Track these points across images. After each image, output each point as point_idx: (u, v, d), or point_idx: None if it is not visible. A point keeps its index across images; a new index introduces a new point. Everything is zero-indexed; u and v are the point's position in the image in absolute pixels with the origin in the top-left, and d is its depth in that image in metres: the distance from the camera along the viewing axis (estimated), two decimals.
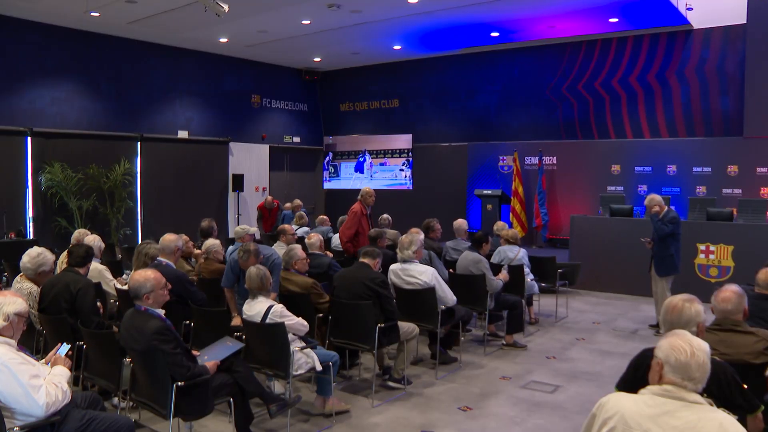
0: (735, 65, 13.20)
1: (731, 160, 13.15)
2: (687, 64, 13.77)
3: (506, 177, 15.74)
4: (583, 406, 5.84)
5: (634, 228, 10.58)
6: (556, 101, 15.43)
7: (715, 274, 10.40)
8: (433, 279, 6.60)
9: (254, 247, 6.12)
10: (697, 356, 2.57)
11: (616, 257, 11.09)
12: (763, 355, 3.94)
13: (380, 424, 5.46)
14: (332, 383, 5.52)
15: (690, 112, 13.82)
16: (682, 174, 13.67)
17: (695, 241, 10.41)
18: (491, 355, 7.62)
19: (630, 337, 8.55)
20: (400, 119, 17.95)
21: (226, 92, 16.76)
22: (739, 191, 12.95)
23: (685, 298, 3.52)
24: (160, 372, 4.24)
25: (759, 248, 9.31)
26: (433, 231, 9.07)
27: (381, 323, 5.88)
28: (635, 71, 14.39)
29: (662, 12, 12.71)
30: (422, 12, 12.54)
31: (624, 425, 2.52)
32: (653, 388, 2.58)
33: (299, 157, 18.97)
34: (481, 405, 5.96)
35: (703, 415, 2.43)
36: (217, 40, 14.79)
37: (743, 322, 4.09)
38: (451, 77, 17.05)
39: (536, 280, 9.03)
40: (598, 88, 14.87)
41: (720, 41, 13.40)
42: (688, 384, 2.54)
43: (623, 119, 14.64)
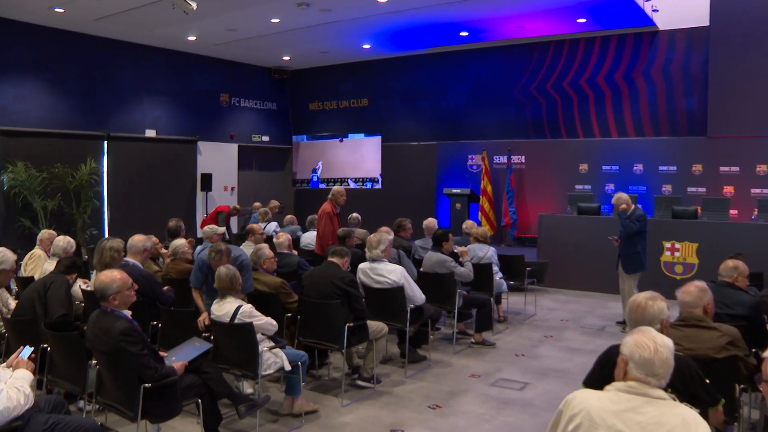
0: (699, 66, 13.40)
1: (696, 159, 13.36)
2: (653, 65, 13.95)
3: (475, 176, 15.81)
4: (551, 402, 5.87)
5: (602, 226, 10.69)
6: (525, 101, 15.53)
7: (680, 271, 10.54)
8: (402, 278, 6.61)
9: (225, 248, 6.08)
10: (660, 353, 2.60)
11: (583, 255, 11.19)
12: (725, 350, 4.04)
13: (350, 424, 5.45)
14: (301, 383, 5.50)
15: (656, 112, 14.01)
16: (648, 173, 13.85)
17: (661, 239, 10.55)
18: (460, 353, 7.64)
19: (598, 334, 8.63)
20: (370, 118, 17.94)
21: (194, 91, 16.63)
22: (704, 190, 13.16)
23: (649, 296, 3.57)
24: (127, 374, 4.19)
25: (722, 245, 9.45)
26: (404, 230, 9.09)
27: (350, 322, 5.87)
28: (602, 71, 14.54)
29: (629, 13, 12.86)
30: (391, 11, 12.54)
31: (589, 421, 2.54)
32: (618, 384, 2.60)
33: (268, 157, 18.88)
34: (451, 403, 5.98)
35: (666, 410, 2.46)
36: (185, 38, 14.67)
37: (707, 318, 4.18)
38: (420, 76, 17.07)
39: (505, 278, 9.07)
40: (566, 87, 14.99)
41: (684, 43, 13.60)
42: (652, 380, 2.56)
43: (591, 119, 14.79)
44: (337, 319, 5.81)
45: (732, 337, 4.12)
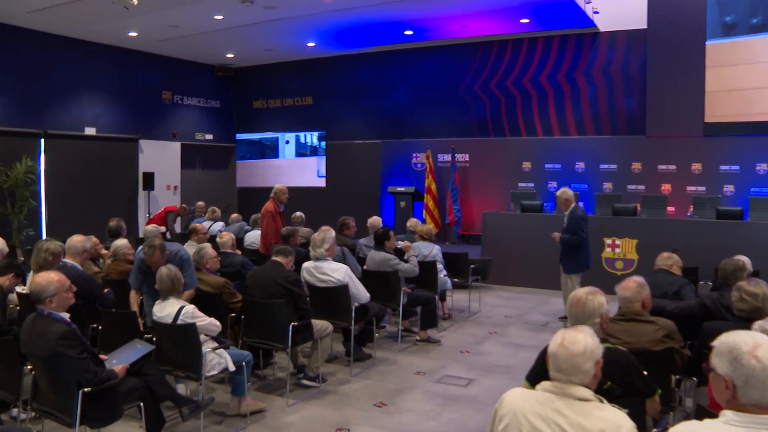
0: (638, 67, 13.73)
1: (635, 157, 13.69)
2: (594, 65, 14.24)
3: (419, 174, 15.89)
4: (496, 398, 5.78)
5: (545, 223, 10.83)
6: (469, 100, 15.67)
7: (620, 267, 10.76)
8: (346, 276, 6.61)
9: (159, 242, 5.90)
10: (566, 348, 2.62)
11: (527, 252, 11.31)
12: (661, 343, 4.17)
13: (295, 423, 5.43)
14: (247, 383, 5.46)
15: (597, 112, 14.30)
16: (589, 171, 14.12)
17: (602, 236, 10.75)
18: (405, 350, 7.68)
19: (541, 329, 8.76)
20: (314, 116, 17.87)
21: (136, 88, 16.31)
22: (643, 187, 13.49)
23: (589, 291, 3.63)
24: (66, 378, 4.08)
25: (661, 241, 9.66)
26: (348, 228, 9.09)
27: (294, 322, 5.84)
28: (545, 71, 14.77)
29: (570, 14, 13.09)
30: (336, 9, 12.53)
31: (515, 421, 2.57)
32: (545, 383, 2.62)
33: (211, 155, 18.67)
34: (396, 400, 6.00)
35: (589, 412, 2.47)
36: (126, 34, 14.38)
37: (645, 312, 4.30)
38: (365, 75, 17.09)
39: (449, 275, 9.10)
40: (509, 86, 15.18)
41: (624, 44, 13.92)
42: (561, 376, 2.59)
43: (534, 117, 15.00)
44: (281, 319, 5.78)
45: (668, 330, 4.25)
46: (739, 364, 2.20)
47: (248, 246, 9.90)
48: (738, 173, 12.86)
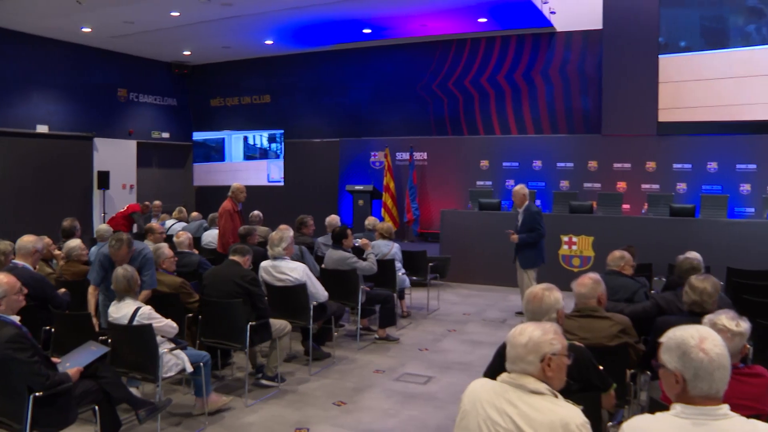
0: (594, 67, 13.93)
1: (591, 156, 13.88)
2: (551, 65, 14.40)
3: (378, 172, 15.91)
4: (455, 395, 5.90)
5: (502, 221, 10.89)
6: (427, 98, 15.73)
7: (577, 264, 10.90)
8: (304, 275, 6.59)
9: (127, 237, 5.80)
10: (512, 338, 2.67)
11: (485, 250, 11.39)
12: (617, 338, 4.26)
13: (255, 424, 5.40)
14: (208, 383, 5.39)
15: (554, 110, 14.46)
16: (546, 169, 14.28)
17: (559, 233, 10.87)
18: (364, 349, 7.68)
19: (499, 326, 8.82)
20: (272, 115, 17.77)
21: (90, 85, 16.03)
22: (599, 185, 13.69)
23: (545, 287, 3.69)
24: (16, 383, 3.97)
25: (616, 238, 9.80)
26: (306, 227, 9.07)
27: (252, 321, 5.81)
28: (503, 70, 14.90)
29: (527, 14, 13.22)
30: (294, 7, 12.48)
31: (473, 409, 2.61)
32: (504, 375, 2.65)
33: (168, 154, 18.45)
34: (356, 399, 6.00)
35: (540, 406, 2.49)
36: (79, 29, 14.11)
37: (600, 308, 4.38)
38: (323, 73, 17.04)
39: (407, 273, 9.13)
40: (467, 85, 15.27)
41: (580, 44, 14.11)
42: (510, 366, 2.63)
43: (491, 116, 15.12)
44: (239, 318, 5.74)
45: (624, 325, 4.34)
46: (688, 358, 2.26)
47: (206, 245, 9.81)
48: (690, 171, 13.13)
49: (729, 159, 12.82)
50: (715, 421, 2.21)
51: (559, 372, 2.62)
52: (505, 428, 2.50)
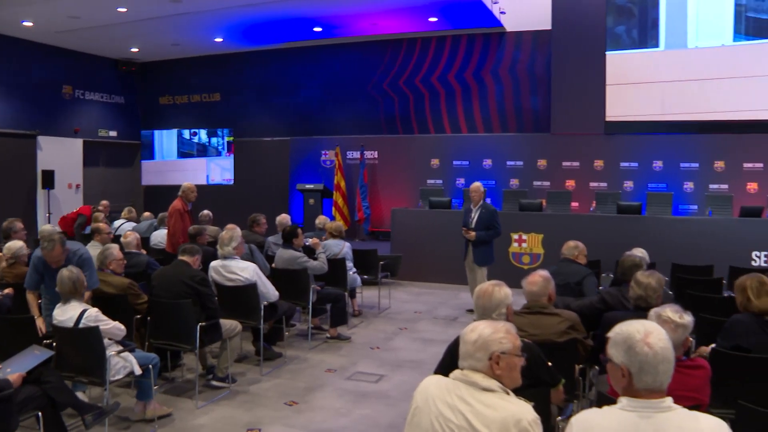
0: (543, 67, 14.12)
1: (540, 154, 14.07)
2: (501, 65, 14.55)
3: (328, 171, 15.88)
4: (407, 393, 5.93)
5: (453, 220, 10.95)
6: (378, 97, 15.75)
7: (527, 261, 11.03)
8: (255, 275, 6.55)
9: (59, 236, 5.64)
10: (463, 334, 2.71)
11: (435, 248, 11.45)
12: (566, 334, 4.31)
13: (205, 425, 5.34)
14: (153, 386, 5.31)
15: (504, 110, 14.61)
16: (497, 168, 14.41)
17: (509, 231, 10.96)
18: (316, 348, 7.66)
19: (450, 324, 8.88)
20: (222, 113, 17.60)
21: (33, 81, 15.60)
22: (548, 184, 13.88)
23: (495, 283, 3.72)
24: None
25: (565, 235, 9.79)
26: (259, 225, 9.03)
27: (202, 322, 5.75)
28: (453, 69, 15.00)
29: (478, 14, 13.33)
30: (244, 5, 12.38)
31: (426, 405, 2.62)
32: (456, 372, 2.66)
33: (116, 152, 18.10)
34: (308, 399, 5.98)
35: (491, 402, 2.51)
36: (21, 23, 13.72)
37: (550, 305, 4.44)
38: (273, 71, 16.93)
39: (358, 272, 9.14)
40: (418, 84, 15.33)
41: (530, 44, 14.29)
42: (461, 362, 2.66)
43: (442, 115, 15.20)
44: (188, 319, 5.67)
45: (572, 322, 4.41)
46: (633, 352, 2.31)
47: (154, 245, 9.68)
48: (637, 170, 13.39)
49: (673, 158, 13.12)
50: (660, 413, 2.26)
51: (509, 371, 2.63)
52: (457, 425, 2.51)
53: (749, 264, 9.67)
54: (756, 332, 4.34)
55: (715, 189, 12.67)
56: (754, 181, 12.65)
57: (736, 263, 8.73)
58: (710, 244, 9.94)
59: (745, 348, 4.30)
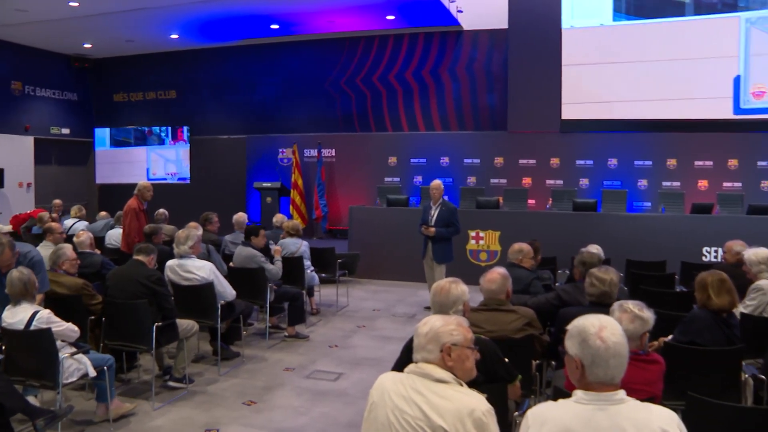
0: (500, 66, 14.23)
1: (497, 152, 14.17)
2: (458, 63, 14.64)
3: (286, 169, 15.81)
4: (365, 391, 5.87)
5: (410, 217, 10.99)
6: (335, 94, 15.72)
7: (484, 258, 11.11)
8: (211, 274, 6.50)
9: (7, 239, 5.51)
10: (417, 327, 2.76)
11: (393, 246, 11.47)
12: (522, 330, 4.37)
13: (163, 427, 5.28)
14: (111, 387, 5.23)
15: (461, 108, 14.70)
16: (454, 165, 14.49)
17: (466, 228, 11.01)
18: (274, 347, 7.63)
19: (408, 321, 8.91)
20: (178, 110, 17.39)
21: None
22: (505, 181, 14.00)
23: (451, 280, 3.77)
24: None
25: (522, 233, 10.00)
26: (211, 224, 8.94)
27: (158, 322, 5.69)
28: (411, 67, 15.04)
29: (435, 12, 13.38)
30: (200, 1, 12.24)
31: (382, 400, 2.65)
32: (410, 365, 2.71)
33: (69, 150, 17.76)
34: (266, 398, 5.95)
35: (446, 393, 2.56)
36: None
37: (507, 302, 4.50)
38: (230, 69, 16.79)
39: (316, 271, 9.13)
40: (375, 82, 15.34)
41: (487, 43, 14.40)
42: (415, 355, 2.71)
43: (399, 113, 15.23)
44: (144, 319, 5.60)
45: (529, 318, 4.47)
46: (586, 344, 2.38)
47: (109, 245, 9.53)
48: (592, 167, 13.58)
49: (628, 156, 13.34)
50: (613, 405, 2.32)
51: (461, 362, 2.68)
52: (412, 416, 2.54)
53: (700, 259, 9.89)
54: (713, 328, 4.44)
55: (667, 186, 12.92)
56: (705, 179, 12.92)
57: (688, 259, 8.93)
58: (663, 241, 10.13)
59: (700, 344, 4.39)
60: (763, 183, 12.66)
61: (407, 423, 2.54)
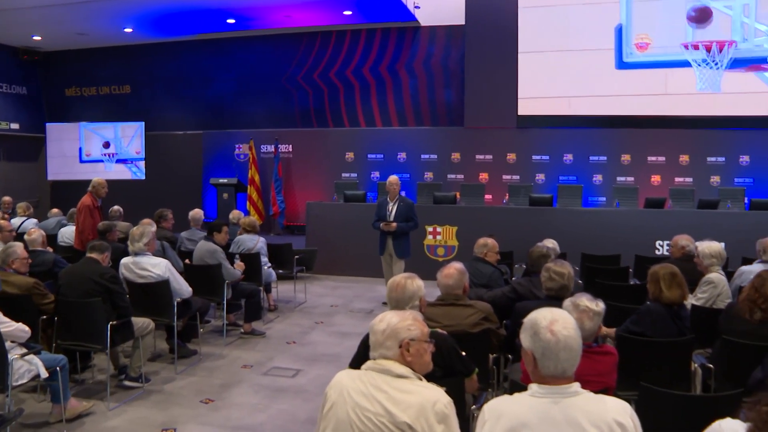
0: (456, 62, 14.32)
1: (454, 148, 14.27)
2: (415, 59, 14.68)
3: (242, 165, 15.71)
4: (324, 387, 5.73)
5: (368, 213, 10.96)
6: (292, 90, 15.66)
7: (442, 254, 11.16)
8: (167, 271, 6.42)
9: None
10: (372, 324, 2.78)
11: (351, 241, 11.46)
12: (479, 325, 4.41)
13: (118, 427, 5.20)
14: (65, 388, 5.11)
15: (418, 103, 14.75)
16: (411, 161, 14.55)
17: (424, 224, 11.04)
18: (232, 344, 7.57)
19: (366, 317, 8.90)
20: (133, 106, 17.13)
21: None
22: (462, 176, 14.10)
23: (407, 276, 3.78)
24: None
25: (479, 228, 10.09)
26: (166, 220, 8.85)
27: (113, 320, 5.60)
28: (368, 63, 15.04)
29: (392, 8, 13.41)
30: None
31: (341, 399, 2.65)
32: (368, 362, 2.72)
33: (18, 146, 17.35)
34: (224, 396, 5.90)
35: (406, 388, 2.59)
36: None
37: (464, 297, 4.53)
38: (186, 63, 16.61)
39: (273, 267, 9.10)
40: (333, 78, 15.31)
41: (444, 39, 14.47)
42: (372, 353, 2.73)
43: (357, 108, 15.22)
44: (98, 318, 5.51)
45: (486, 313, 4.51)
46: (537, 337, 2.42)
47: (62, 242, 9.36)
48: (548, 163, 13.74)
49: (583, 151, 13.54)
50: (567, 398, 2.36)
51: (419, 357, 2.71)
52: (374, 413, 2.55)
53: (653, 253, 10.08)
54: (665, 321, 4.52)
55: (622, 181, 13.14)
56: (658, 174, 13.19)
57: (642, 252, 9.11)
58: (617, 235, 10.30)
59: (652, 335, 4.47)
60: (713, 178, 12.97)
61: (369, 420, 2.55)
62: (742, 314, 4.50)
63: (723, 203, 11.04)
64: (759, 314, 4.41)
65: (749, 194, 11.67)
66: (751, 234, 7.26)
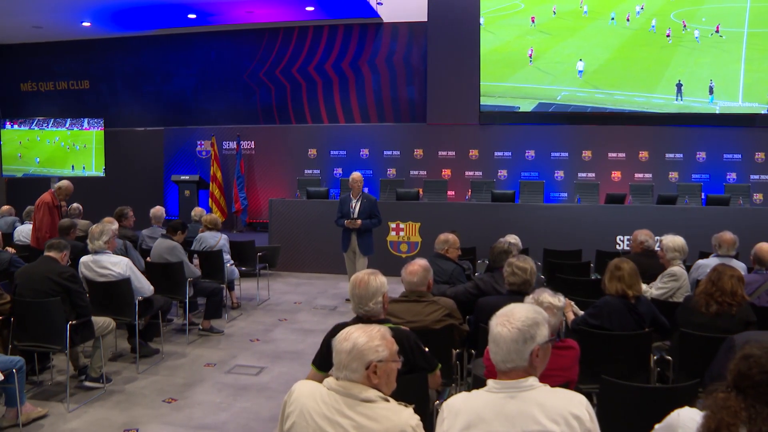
0: (419, 58, 14.37)
1: (417, 144, 14.32)
2: (378, 55, 14.69)
3: (204, 162, 15.57)
4: (287, 384, 5.92)
5: (331, 210, 10.95)
6: (254, 86, 15.57)
7: (405, 250, 11.18)
8: (128, 269, 6.34)
9: None
10: (337, 343, 2.58)
11: (314, 238, 11.44)
12: (442, 321, 4.43)
13: (78, 429, 5.11)
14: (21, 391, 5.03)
15: (381, 100, 14.76)
16: (374, 157, 14.55)
17: (387, 220, 11.06)
18: (194, 343, 7.50)
19: (330, 314, 8.90)
20: (91, 102, 16.88)
21: None
22: (425, 173, 14.15)
23: (370, 272, 3.75)
24: None
25: (442, 223, 10.14)
26: (126, 219, 8.71)
27: (72, 320, 5.51)
28: (330, 59, 15.01)
29: (355, 4, 13.41)
30: None
31: (302, 419, 2.52)
32: (331, 381, 2.56)
33: None
34: (187, 395, 5.85)
35: (373, 414, 2.45)
36: None
37: (428, 293, 4.55)
38: (146, 59, 16.41)
39: (236, 264, 9.04)
40: (295, 74, 15.25)
41: (406, 36, 14.51)
42: (336, 373, 2.54)
43: (319, 105, 15.19)
44: (57, 318, 5.42)
45: (449, 309, 4.54)
46: (491, 333, 2.48)
47: (18, 241, 9.18)
48: (510, 159, 13.85)
49: (545, 148, 13.67)
50: (522, 392, 2.39)
51: (386, 378, 2.54)
52: None
53: (614, 248, 10.24)
54: (621, 313, 4.59)
55: (583, 177, 13.31)
56: (618, 170, 13.38)
57: (603, 247, 9.23)
58: (579, 230, 10.43)
59: (609, 328, 4.54)
60: (672, 174, 13.19)
61: None
62: (699, 307, 4.60)
63: (681, 199, 11.25)
64: (715, 307, 4.51)
65: (705, 190, 11.92)
66: (708, 229, 7.39)
